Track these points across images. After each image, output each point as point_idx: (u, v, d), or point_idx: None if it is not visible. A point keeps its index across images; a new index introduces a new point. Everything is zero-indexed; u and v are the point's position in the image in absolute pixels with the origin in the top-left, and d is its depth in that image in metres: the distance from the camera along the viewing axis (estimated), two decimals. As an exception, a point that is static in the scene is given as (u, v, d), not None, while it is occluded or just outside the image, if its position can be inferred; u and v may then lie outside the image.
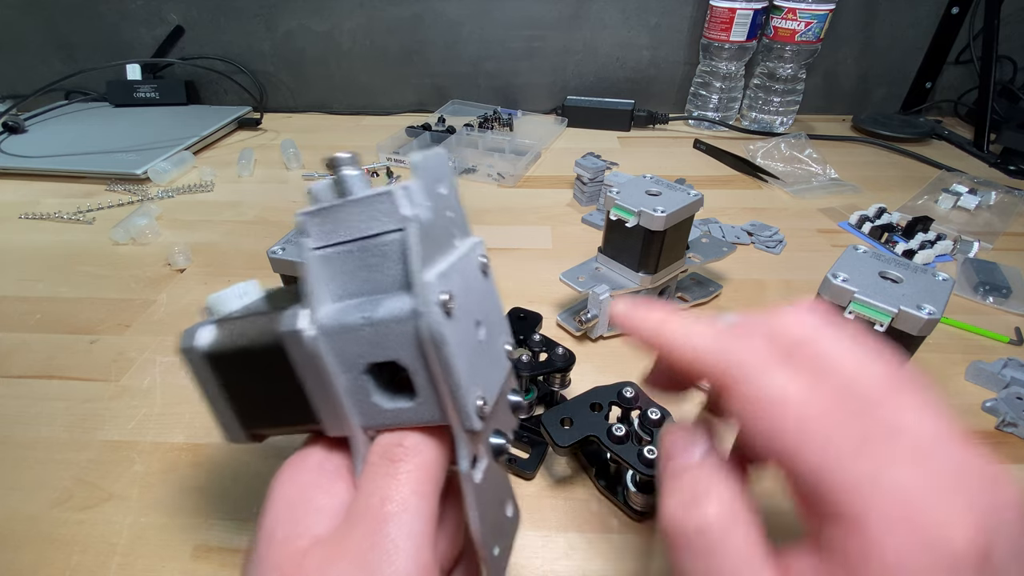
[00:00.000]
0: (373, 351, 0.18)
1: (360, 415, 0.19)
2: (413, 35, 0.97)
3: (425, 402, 0.18)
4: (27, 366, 0.45)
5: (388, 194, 0.18)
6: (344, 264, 0.19)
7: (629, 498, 0.32)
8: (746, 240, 0.60)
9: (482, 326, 0.19)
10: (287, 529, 0.17)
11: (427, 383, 0.17)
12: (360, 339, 0.17)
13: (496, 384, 0.20)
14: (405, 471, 0.17)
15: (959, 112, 0.96)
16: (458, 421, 0.18)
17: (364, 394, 0.18)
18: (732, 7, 0.82)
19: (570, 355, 0.37)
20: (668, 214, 0.40)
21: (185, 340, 0.20)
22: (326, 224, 0.19)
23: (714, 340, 0.18)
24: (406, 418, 0.18)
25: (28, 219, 0.67)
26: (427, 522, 0.17)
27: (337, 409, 0.19)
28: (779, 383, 0.16)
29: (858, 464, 0.14)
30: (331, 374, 0.18)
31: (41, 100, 0.96)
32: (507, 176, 0.74)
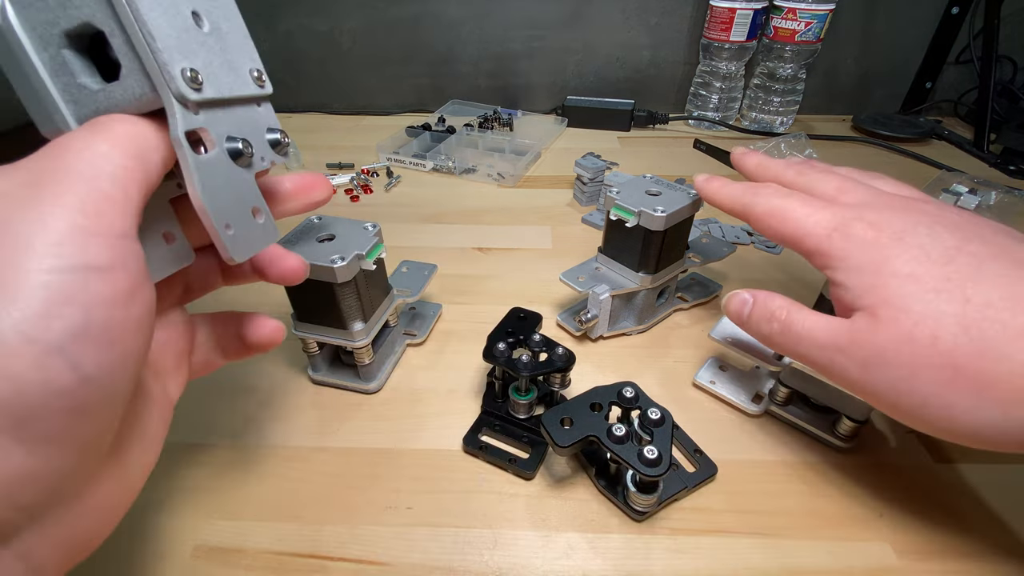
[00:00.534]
0: (65, 13, 0.16)
1: (72, 103, 0.17)
2: (413, 35, 0.97)
3: (130, 73, 0.17)
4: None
5: None
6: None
7: (629, 498, 0.32)
8: (746, 240, 0.60)
9: (204, 21, 0.19)
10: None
11: (125, 47, 0.16)
12: (48, 1, 0.16)
13: (229, 86, 0.20)
14: (106, 130, 0.17)
15: (959, 112, 0.96)
16: (161, 81, 0.17)
17: (69, 75, 0.17)
18: (732, 7, 0.82)
19: (570, 355, 0.37)
20: (668, 214, 0.40)
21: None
22: None
23: (760, 205, 0.32)
24: (117, 98, 0.17)
25: (28, 219, 0.67)
26: (123, 178, 0.16)
27: (43, 98, 0.17)
28: (812, 216, 0.29)
29: (808, 221, 0.29)
30: (29, 52, 0.17)
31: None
32: (507, 176, 0.74)
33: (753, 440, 0.38)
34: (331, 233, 0.36)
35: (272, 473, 0.36)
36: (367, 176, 0.75)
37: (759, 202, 0.31)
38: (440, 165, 0.77)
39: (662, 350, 0.46)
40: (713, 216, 0.65)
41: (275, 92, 0.25)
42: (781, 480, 0.35)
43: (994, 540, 0.31)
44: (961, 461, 0.36)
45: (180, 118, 0.17)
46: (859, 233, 0.27)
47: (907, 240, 0.26)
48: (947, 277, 0.24)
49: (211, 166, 0.19)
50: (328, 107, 1.03)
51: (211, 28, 0.19)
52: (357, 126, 0.97)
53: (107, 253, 0.15)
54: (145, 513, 0.34)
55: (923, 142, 0.86)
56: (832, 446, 0.37)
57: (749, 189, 0.33)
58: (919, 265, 0.25)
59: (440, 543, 0.32)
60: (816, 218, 0.28)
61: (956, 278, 0.24)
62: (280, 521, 0.33)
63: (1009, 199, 0.67)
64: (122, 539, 0.32)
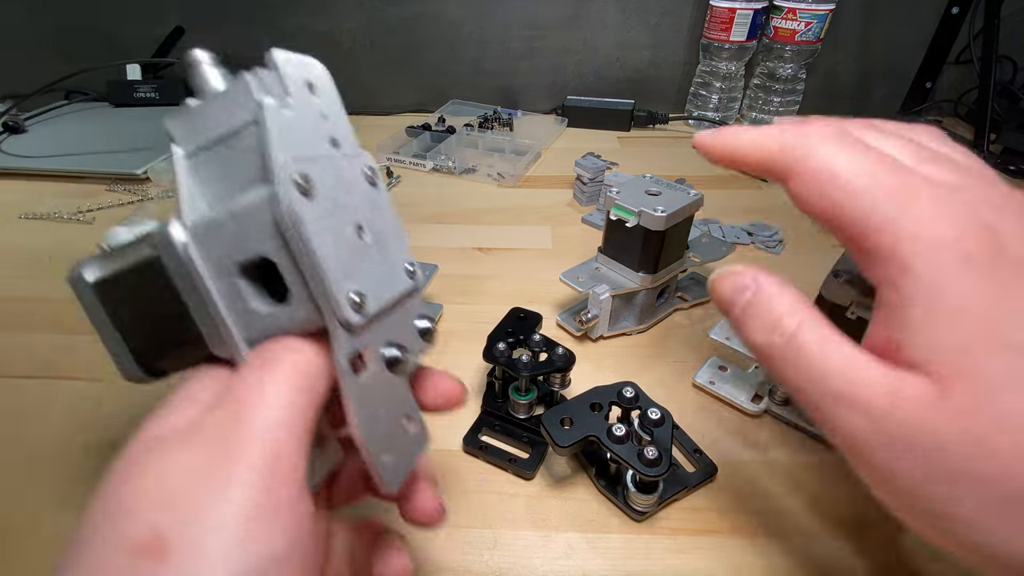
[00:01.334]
0: (240, 247, 0.17)
1: (243, 327, 0.18)
2: (413, 35, 0.97)
3: (298, 299, 0.17)
4: (27, 366, 0.45)
5: (240, 81, 0.17)
6: (213, 167, 0.18)
7: (629, 498, 0.32)
8: (746, 240, 0.60)
9: (366, 232, 0.19)
10: (152, 421, 0.17)
11: (296, 276, 0.17)
12: (226, 236, 0.17)
13: (388, 292, 0.19)
14: (276, 367, 0.17)
15: (959, 112, 0.96)
16: (329, 310, 0.17)
17: (242, 301, 0.18)
18: (732, 7, 0.82)
19: (570, 355, 0.37)
20: (668, 214, 0.40)
21: (73, 272, 0.19)
22: (190, 126, 0.18)
23: (778, 140, 0.21)
24: (284, 321, 0.18)
25: (28, 219, 0.67)
26: (294, 415, 0.16)
27: (218, 323, 0.18)
28: (830, 153, 0.19)
29: (891, 205, 0.17)
30: (206, 281, 0.17)
31: (41, 100, 0.96)
32: (507, 176, 0.74)
33: (753, 440, 0.38)
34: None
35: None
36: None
37: (816, 151, 0.19)
38: (440, 165, 0.77)
39: (662, 350, 0.46)
40: (713, 216, 0.65)
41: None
42: (781, 480, 0.35)
43: (994, 540, 0.31)
44: (961, 461, 0.36)
45: (344, 344, 0.17)
46: (973, 251, 0.16)
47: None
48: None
49: (370, 387, 0.19)
50: (328, 107, 1.03)
51: (372, 237, 0.19)
52: (357, 126, 0.95)
53: (285, 540, 0.15)
54: (145, 513, 0.34)
55: (923, 142, 0.86)
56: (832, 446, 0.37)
57: (791, 128, 0.21)
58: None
59: (440, 543, 0.32)
60: (919, 208, 0.17)
61: None
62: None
63: (1009, 199, 0.67)
64: (122, 539, 0.32)
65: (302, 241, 0.16)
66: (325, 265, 0.16)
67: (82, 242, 0.62)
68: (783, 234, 0.61)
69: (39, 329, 0.49)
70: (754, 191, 0.72)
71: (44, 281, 0.55)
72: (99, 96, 1.01)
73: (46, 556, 0.32)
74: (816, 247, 0.60)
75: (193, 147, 0.18)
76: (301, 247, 0.16)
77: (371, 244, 0.19)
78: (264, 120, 0.16)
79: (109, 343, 0.20)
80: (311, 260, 0.16)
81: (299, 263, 0.16)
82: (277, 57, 0.18)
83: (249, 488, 0.15)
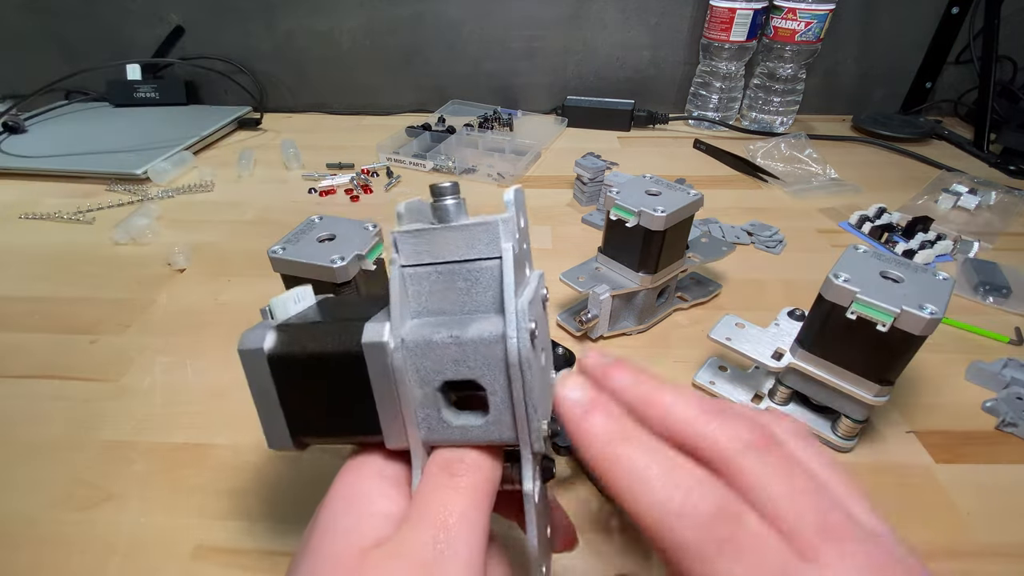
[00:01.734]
0: (455, 368, 0.18)
1: (426, 430, 0.19)
2: (413, 35, 0.97)
3: (496, 422, 0.19)
4: (27, 366, 0.45)
5: (491, 224, 0.19)
6: (430, 283, 0.20)
7: (629, 498, 0.32)
8: (746, 240, 0.60)
9: (543, 353, 0.20)
10: (347, 524, 0.18)
11: (502, 404, 0.18)
12: (443, 356, 0.18)
13: (549, 410, 0.21)
14: (464, 485, 0.18)
15: (959, 112, 0.96)
16: (528, 443, 0.18)
17: (434, 409, 0.19)
18: (732, 7, 0.82)
19: (570, 355, 0.37)
20: (668, 214, 0.40)
21: (248, 342, 0.20)
22: (420, 245, 0.20)
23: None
24: (473, 436, 0.19)
25: (28, 219, 0.67)
26: (481, 535, 0.18)
27: (404, 423, 0.19)
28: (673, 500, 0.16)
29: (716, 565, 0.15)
30: (407, 387, 0.19)
31: (41, 100, 0.96)
32: (507, 176, 0.74)
33: (753, 440, 0.38)
34: (331, 233, 0.36)
35: (272, 473, 0.36)
36: (367, 176, 0.75)
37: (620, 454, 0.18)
38: (440, 165, 0.77)
39: (662, 350, 0.46)
40: (713, 216, 0.65)
41: (275, 92, 0.25)
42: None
43: (994, 540, 0.31)
44: (961, 461, 0.36)
45: (531, 469, 0.19)
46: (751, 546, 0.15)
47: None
48: None
49: (538, 507, 0.20)
50: (328, 107, 1.03)
51: (546, 359, 0.20)
52: (357, 126, 0.97)
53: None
54: (145, 513, 0.34)
55: (923, 142, 0.86)
56: (832, 446, 0.37)
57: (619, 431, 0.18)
58: None
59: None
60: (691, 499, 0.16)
61: None
62: (280, 521, 0.33)
63: (1009, 199, 0.67)
64: (122, 539, 0.32)
65: (524, 383, 0.17)
66: (535, 404, 0.18)
67: (82, 242, 0.62)
68: (783, 234, 0.61)
69: (39, 329, 0.49)
70: (754, 191, 0.72)
71: (44, 281, 0.55)
72: (99, 96, 1.01)
73: (46, 556, 0.32)
74: (816, 247, 0.60)
75: (415, 261, 0.20)
76: (521, 388, 0.18)
77: (544, 366, 0.20)
78: (507, 266, 0.18)
79: (266, 414, 0.21)
80: (528, 400, 0.18)
81: (513, 398, 0.18)
82: (509, 198, 0.20)
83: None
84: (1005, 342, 0.46)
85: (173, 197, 0.72)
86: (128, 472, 0.36)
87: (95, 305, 0.51)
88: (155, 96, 0.99)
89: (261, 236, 0.63)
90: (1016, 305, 0.50)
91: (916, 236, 0.59)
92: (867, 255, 0.35)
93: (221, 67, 1.00)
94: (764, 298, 0.51)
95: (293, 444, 0.21)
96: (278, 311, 0.22)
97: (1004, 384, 0.41)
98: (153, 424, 0.40)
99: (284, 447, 0.21)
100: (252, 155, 0.81)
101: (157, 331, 0.48)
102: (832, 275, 0.33)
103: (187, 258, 0.57)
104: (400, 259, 0.20)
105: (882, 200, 0.66)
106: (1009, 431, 0.38)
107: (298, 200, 0.71)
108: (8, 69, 1.04)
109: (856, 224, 0.63)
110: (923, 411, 0.40)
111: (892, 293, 0.31)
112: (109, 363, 0.45)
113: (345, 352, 0.19)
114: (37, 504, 0.34)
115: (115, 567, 0.31)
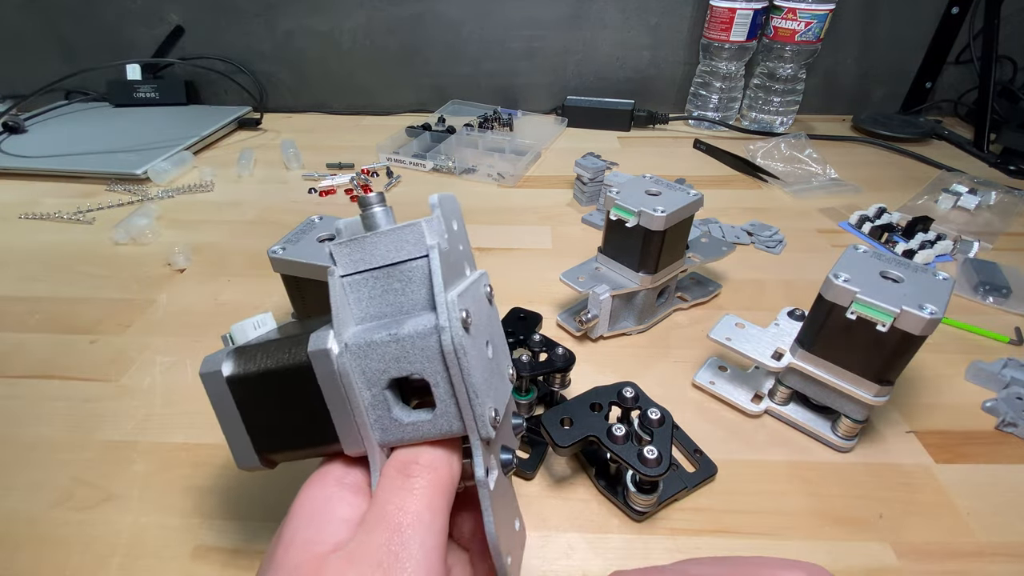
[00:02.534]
0: (397, 365, 0.19)
1: (380, 431, 0.20)
2: (413, 35, 0.97)
3: (443, 414, 0.19)
4: (27, 366, 0.45)
5: (415, 225, 0.20)
6: (368, 289, 0.20)
7: (629, 498, 0.32)
8: (746, 240, 0.60)
9: (490, 346, 0.21)
10: (308, 535, 0.18)
11: (446, 395, 0.19)
12: (385, 355, 0.19)
13: (502, 401, 0.21)
14: (420, 486, 0.19)
15: (959, 112, 0.96)
16: (475, 430, 0.19)
17: (385, 409, 0.19)
18: (732, 7, 0.82)
19: (570, 355, 0.37)
20: (668, 214, 0.40)
21: (206, 366, 0.21)
22: (355, 253, 0.20)
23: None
24: (424, 431, 0.19)
25: (28, 219, 0.67)
26: (438, 535, 0.18)
27: (358, 426, 0.20)
28: None
29: None
30: (355, 391, 0.19)
31: (41, 100, 0.96)
32: (507, 176, 0.74)
33: (753, 440, 0.38)
34: (331, 233, 0.36)
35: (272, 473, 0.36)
36: (367, 176, 0.75)
37: None
38: (440, 165, 0.77)
39: (662, 350, 0.46)
40: (713, 216, 0.65)
41: (275, 92, 0.25)
42: (781, 480, 0.35)
43: (994, 540, 0.31)
44: (961, 461, 0.36)
45: (483, 457, 0.19)
46: None
47: None
48: None
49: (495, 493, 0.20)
50: (328, 107, 1.03)
51: (493, 351, 0.21)
52: (357, 126, 0.97)
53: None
54: (145, 513, 0.34)
55: (923, 142, 0.86)
56: (832, 446, 0.37)
57: None
58: None
59: (440, 543, 0.32)
60: None
61: None
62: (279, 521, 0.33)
63: (1009, 199, 0.67)
64: (122, 539, 0.32)
65: (462, 370, 0.18)
66: (476, 389, 0.18)
67: (82, 242, 0.62)
68: (783, 234, 0.61)
69: (39, 329, 0.49)
70: (754, 191, 0.72)
71: (44, 281, 0.55)
72: (99, 96, 1.01)
73: (46, 556, 0.32)
74: (816, 247, 0.60)
75: (352, 270, 0.20)
76: (460, 374, 0.18)
77: (492, 359, 0.21)
78: (434, 262, 0.19)
79: (231, 434, 0.22)
80: (469, 387, 0.18)
81: (455, 386, 0.18)
82: (434, 201, 0.21)
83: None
84: (1005, 342, 0.46)
85: (173, 197, 0.72)
86: (128, 472, 0.36)
87: (95, 305, 0.51)
88: (155, 96, 0.99)
89: (261, 236, 0.63)
90: (1016, 305, 0.50)
91: (916, 236, 0.59)
92: (867, 255, 0.35)
93: (221, 67, 1.00)
94: (764, 298, 0.51)
95: (260, 461, 0.22)
96: (238, 336, 0.23)
97: (1004, 384, 0.41)
98: (153, 424, 0.40)
99: (251, 466, 0.22)
100: (252, 155, 0.81)
101: (157, 331, 0.48)
102: (832, 275, 0.33)
103: (187, 258, 0.57)
104: (339, 269, 0.20)
105: (882, 200, 0.66)
106: (1009, 431, 0.38)
107: (298, 200, 0.71)
108: (8, 69, 1.04)
109: (856, 224, 0.63)
110: (923, 411, 0.40)
111: (892, 293, 0.31)
112: (109, 363, 0.45)
113: (294, 364, 0.20)
114: (37, 504, 0.34)
115: (115, 567, 0.31)
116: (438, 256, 0.19)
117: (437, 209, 0.21)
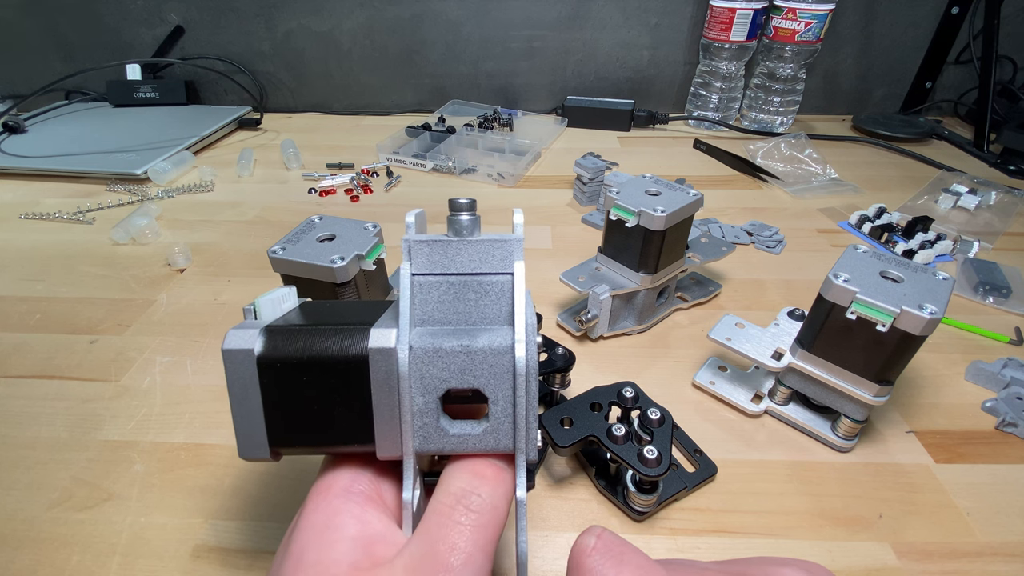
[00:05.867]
0: (461, 377, 0.18)
1: (422, 438, 0.19)
2: (413, 35, 0.97)
3: (494, 431, 0.19)
4: (27, 366, 0.45)
5: (507, 243, 0.20)
6: (439, 292, 0.20)
7: (629, 498, 0.32)
8: (746, 240, 0.60)
9: None
10: (318, 554, 0.17)
11: (503, 414, 0.19)
12: (451, 364, 0.18)
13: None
14: (478, 524, 0.18)
15: (959, 112, 0.96)
16: (524, 451, 0.19)
17: (432, 417, 0.19)
18: (732, 7, 0.82)
19: (570, 355, 0.37)
20: (668, 214, 0.40)
21: (233, 341, 0.19)
22: (435, 255, 0.20)
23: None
24: (469, 444, 0.19)
25: (28, 219, 0.67)
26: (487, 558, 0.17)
27: (400, 431, 0.19)
28: None
29: None
30: (408, 395, 0.18)
31: (41, 100, 0.96)
32: (507, 176, 0.74)
33: (753, 440, 0.38)
34: (331, 233, 0.36)
35: (272, 473, 0.36)
36: (367, 176, 0.75)
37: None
38: (440, 165, 0.77)
39: (662, 350, 0.46)
40: (713, 216, 0.65)
41: (275, 92, 0.25)
42: (781, 480, 0.35)
43: (994, 540, 0.31)
44: (961, 461, 0.36)
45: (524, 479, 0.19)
46: None
47: None
48: None
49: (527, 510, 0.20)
50: (328, 107, 1.03)
51: None
52: (357, 126, 0.97)
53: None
54: (145, 513, 0.34)
55: (923, 142, 0.86)
56: (832, 446, 0.37)
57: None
58: None
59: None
60: None
61: None
62: (280, 521, 0.33)
63: (1009, 199, 0.67)
64: (122, 539, 0.32)
65: (528, 393, 0.18)
66: (535, 414, 0.18)
67: (82, 242, 0.62)
68: (783, 234, 0.61)
69: (39, 329, 0.49)
70: (754, 191, 0.72)
71: (44, 281, 0.55)
72: (99, 96, 1.01)
73: (46, 556, 0.32)
74: (816, 247, 0.60)
75: (426, 270, 0.20)
76: (525, 397, 0.18)
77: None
78: (520, 282, 0.19)
79: (244, 420, 0.19)
80: (530, 409, 0.18)
81: (516, 407, 0.18)
82: (519, 220, 0.21)
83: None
84: (1005, 342, 0.46)
85: (173, 197, 0.72)
86: (128, 472, 0.36)
87: (95, 305, 0.51)
88: (155, 96, 0.99)
89: (261, 236, 0.63)
90: (1016, 305, 0.50)
91: (916, 236, 0.59)
92: (867, 255, 0.35)
93: (221, 67, 1.00)
94: (764, 298, 0.51)
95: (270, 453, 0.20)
96: (265, 311, 0.21)
97: (1004, 384, 0.41)
98: (153, 424, 0.40)
99: (258, 456, 0.20)
100: (252, 155, 0.81)
101: (157, 331, 0.48)
102: (832, 275, 0.33)
103: (187, 258, 0.57)
104: (411, 267, 0.20)
105: (882, 200, 0.66)
106: (1009, 431, 0.38)
107: (298, 200, 0.71)
108: (8, 69, 1.04)
109: (856, 224, 0.63)
110: (923, 411, 0.40)
111: (892, 293, 0.31)
112: (109, 363, 0.45)
113: (347, 357, 0.18)
114: (37, 504, 0.34)
115: (115, 567, 0.31)
116: (523, 277, 0.19)
117: (520, 228, 0.21)
